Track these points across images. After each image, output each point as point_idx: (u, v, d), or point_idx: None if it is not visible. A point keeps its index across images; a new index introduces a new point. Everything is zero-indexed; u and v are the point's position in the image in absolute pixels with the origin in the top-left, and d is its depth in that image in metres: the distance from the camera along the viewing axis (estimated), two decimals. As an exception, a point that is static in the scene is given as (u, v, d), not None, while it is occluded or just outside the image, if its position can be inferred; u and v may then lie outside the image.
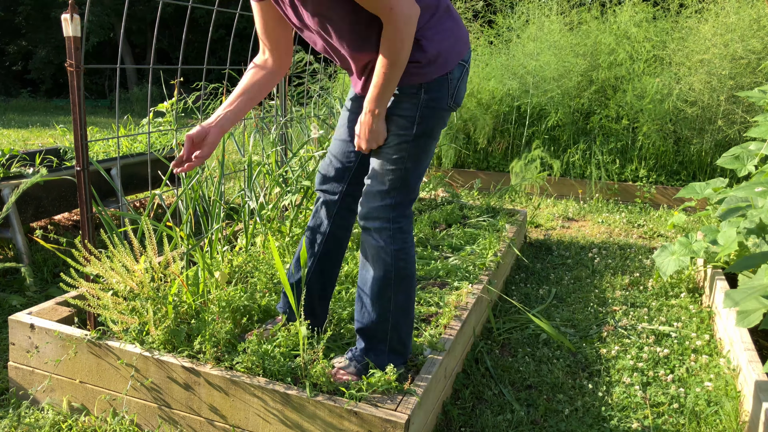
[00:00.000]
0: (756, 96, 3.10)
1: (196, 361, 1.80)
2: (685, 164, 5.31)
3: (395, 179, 1.68)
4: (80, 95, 1.81)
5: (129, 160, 3.87)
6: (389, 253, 1.71)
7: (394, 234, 1.71)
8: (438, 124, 1.69)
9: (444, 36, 1.62)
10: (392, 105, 1.65)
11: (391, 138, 1.66)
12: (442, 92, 1.65)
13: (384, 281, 1.74)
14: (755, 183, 2.29)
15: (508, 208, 3.88)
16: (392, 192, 1.69)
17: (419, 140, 1.67)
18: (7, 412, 1.94)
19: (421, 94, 1.62)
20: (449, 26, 1.64)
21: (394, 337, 1.79)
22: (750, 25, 4.88)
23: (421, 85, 1.62)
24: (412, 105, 1.63)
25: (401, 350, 1.82)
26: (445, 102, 1.67)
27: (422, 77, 1.62)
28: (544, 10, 5.93)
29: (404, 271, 1.74)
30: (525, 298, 3.06)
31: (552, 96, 5.45)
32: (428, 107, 1.64)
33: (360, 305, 1.80)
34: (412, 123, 1.64)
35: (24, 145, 7.54)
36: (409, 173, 1.68)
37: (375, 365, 1.78)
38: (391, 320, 1.76)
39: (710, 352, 2.48)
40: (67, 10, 1.75)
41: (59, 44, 16.54)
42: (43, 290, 2.96)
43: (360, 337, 1.82)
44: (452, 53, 1.64)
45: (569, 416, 2.04)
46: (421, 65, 1.60)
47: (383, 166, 1.68)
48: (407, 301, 1.78)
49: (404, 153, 1.66)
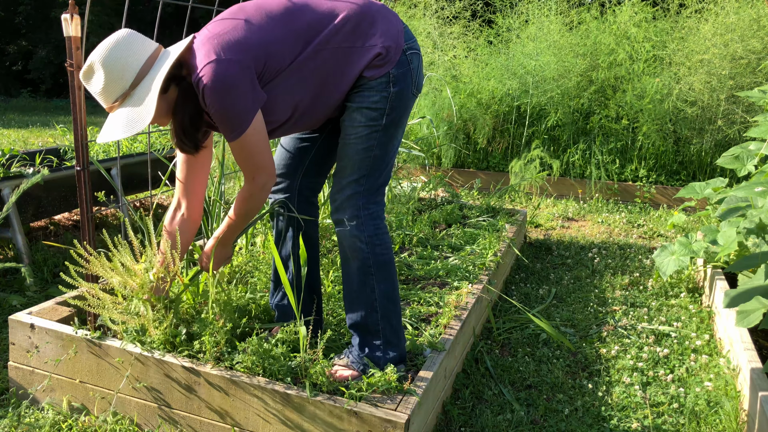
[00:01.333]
0: (756, 96, 3.10)
1: (196, 361, 1.80)
2: (685, 164, 5.31)
3: (364, 167, 1.76)
4: (80, 95, 1.81)
5: (129, 160, 3.87)
6: (363, 240, 1.77)
7: (366, 221, 1.78)
8: (405, 113, 1.80)
9: (382, 32, 1.72)
10: (363, 98, 1.73)
11: (360, 129, 1.74)
12: (407, 82, 1.75)
13: (364, 270, 1.80)
14: (755, 183, 2.29)
15: (508, 208, 3.88)
16: (361, 180, 1.77)
17: (388, 129, 1.76)
18: (7, 412, 1.94)
19: (390, 87, 1.72)
20: (383, 23, 1.74)
21: (387, 327, 1.83)
22: (750, 25, 4.88)
23: (389, 76, 1.71)
24: (382, 98, 1.72)
25: (395, 342, 1.85)
26: (410, 90, 1.77)
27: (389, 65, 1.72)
28: (543, 10, 5.93)
29: (382, 258, 1.81)
30: (525, 298, 3.06)
31: (552, 96, 5.45)
32: (397, 98, 1.74)
33: (348, 300, 1.86)
34: (382, 114, 1.74)
35: (24, 145, 7.54)
36: (377, 160, 1.77)
37: (372, 360, 1.82)
38: (380, 310, 1.81)
39: (710, 352, 2.48)
40: (67, 10, 1.75)
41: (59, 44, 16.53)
42: (43, 290, 2.96)
43: (354, 333, 1.87)
44: (398, 38, 1.74)
45: (569, 416, 2.04)
46: (380, 57, 1.70)
47: (353, 156, 1.76)
48: (392, 290, 1.84)
49: (373, 141, 1.75)
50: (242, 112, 1.57)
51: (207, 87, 1.54)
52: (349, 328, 1.88)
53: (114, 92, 1.57)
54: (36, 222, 3.80)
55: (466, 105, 5.70)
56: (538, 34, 5.68)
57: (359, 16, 1.70)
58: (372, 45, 1.69)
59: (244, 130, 1.59)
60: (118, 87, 1.56)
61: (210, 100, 1.55)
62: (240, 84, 1.55)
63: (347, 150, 1.77)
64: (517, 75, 5.58)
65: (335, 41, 1.67)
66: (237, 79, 1.55)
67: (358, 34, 1.69)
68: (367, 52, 1.69)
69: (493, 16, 6.33)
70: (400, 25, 1.76)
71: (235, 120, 1.58)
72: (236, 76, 1.55)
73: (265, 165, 1.68)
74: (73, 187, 3.44)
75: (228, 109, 1.56)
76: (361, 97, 1.73)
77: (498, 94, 5.70)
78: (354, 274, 1.82)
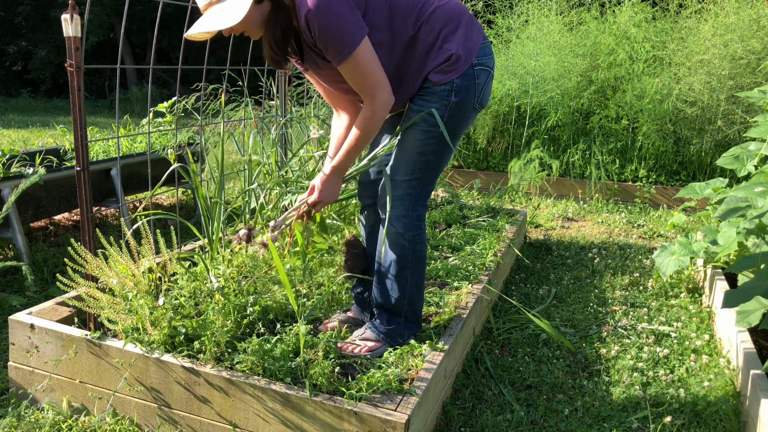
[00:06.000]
0: (756, 96, 3.10)
1: (196, 361, 1.80)
2: (685, 164, 5.31)
3: (417, 171, 1.85)
4: (80, 95, 1.81)
5: (129, 161, 3.87)
6: (407, 238, 1.89)
7: (412, 221, 1.89)
8: (462, 124, 1.87)
9: (460, 40, 1.80)
10: (424, 102, 1.81)
11: (418, 133, 1.82)
12: (469, 94, 1.81)
13: (401, 263, 1.92)
14: (755, 183, 2.29)
15: (508, 208, 3.88)
16: (414, 182, 1.86)
17: (444, 138, 1.82)
18: (6, 412, 1.94)
19: (451, 96, 1.79)
20: (464, 32, 1.82)
21: (410, 310, 1.99)
22: (750, 26, 4.88)
23: (452, 85, 1.78)
24: (442, 106, 1.80)
25: (414, 320, 2.02)
26: (472, 103, 1.84)
27: (454, 74, 1.78)
28: (543, 10, 5.93)
29: (419, 254, 1.94)
30: (525, 298, 3.06)
31: (552, 96, 5.45)
32: (456, 107, 1.81)
33: (380, 284, 1.98)
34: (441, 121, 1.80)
35: (24, 145, 7.54)
36: (430, 166, 1.86)
37: (394, 333, 1.97)
38: (408, 296, 1.96)
39: (710, 352, 2.48)
40: (67, 10, 1.75)
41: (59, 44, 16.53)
42: (43, 290, 2.96)
43: (378, 312, 2.01)
44: (472, 51, 1.81)
45: (569, 416, 2.04)
46: (449, 63, 1.77)
47: (408, 158, 1.84)
48: (421, 279, 1.99)
49: (430, 147, 1.83)
50: (348, 32, 1.62)
51: (311, 10, 1.59)
52: (375, 307, 2.01)
53: None
54: (36, 222, 3.80)
55: (466, 105, 5.69)
56: (537, 35, 5.68)
57: (448, 16, 1.78)
58: (447, 48, 1.77)
59: (353, 49, 1.64)
60: None
61: (315, 21, 1.61)
62: (347, 7, 1.62)
63: (404, 150, 1.85)
64: (517, 75, 5.58)
65: (423, 32, 1.76)
66: (344, 3, 1.62)
67: (443, 35, 1.77)
68: (442, 53, 1.77)
69: (493, 17, 6.33)
70: (479, 40, 1.82)
71: (343, 39, 1.63)
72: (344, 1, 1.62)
73: (384, 83, 1.71)
74: (73, 187, 3.44)
75: (333, 29, 1.61)
76: (422, 100, 1.81)
77: (498, 94, 5.70)
78: (391, 265, 1.93)
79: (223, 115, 2.86)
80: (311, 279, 2.36)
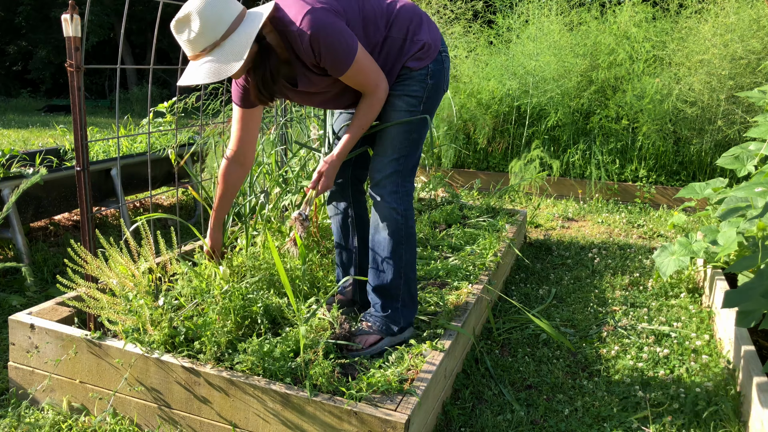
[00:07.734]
0: (756, 96, 3.10)
1: (196, 362, 1.80)
2: (685, 164, 5.31)
3: (404, 149, 1.99)
4: (80, 95, 1.81)
5: (129, 161, 3.87)
6: (400, 212, 2.00)
7: (403, 196, 2.00)
8: (436, 104, 2.07)
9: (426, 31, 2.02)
10: (404, 86, 1.97)
11: (402, 114, 1.98)
12: (441, 77, 2.03)
13: (396, 239, 2.01)
14: (755, 183, 2.29)
15: (508, 208, 3.88)
16: (401, 159, 1.99)
17: (423, 117, 2.01)
18: (7, 412, 1.94)
19: (428, 79, 1.99)
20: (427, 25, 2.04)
21: (406, 291, 2.06)
22: (750, 26, 4.88)
23: (428, 69, 1.98)
24: (420, 87, 1.98)
25: (410, 304, 2.08)
26: (442, 85, 2.05)
27: (428, 60, 1.98)
28: (543, 10, 5.93)
29: (411, 230, 2.04)
30: (525, 298, 3.06)
31: (552, 96, 5.45)
32: (433, 89, 2.01)
33: (375, 267, 2.05)
34: (420, 102, 1.99)
35: (24, 146, 7.54)
36: (414, 143, 2.01)
37: (392, 321, 2.02)
38: (403, 276, 2.03)
39: (710, 352, 2.47)
40: (67, 11, 1.75)
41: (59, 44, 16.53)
42: (43, 290, 2.96)
43: (375, 296, 2.06)
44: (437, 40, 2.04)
45: (569, 416, 2.04)
46: (423, 50, 1.97)
47: (394, 138, 1.98)
48: (414, 260, 2.08)
49: (413, 126, 1.99)
50: (347, 43, 1.76)
51: (311, 34, 1.70)
52: (372, 291, 2.07)
53: (205, 42, 1.65)
54: (36, 222, 3.80)
55: (466, 105, 5.70)
56: (538, 35, 5.68)
57: (411, 13, 1.97)
58: (419, 39, 1.95)
59: (354, 56, 1.78)
60: (210, 37, 1.65)
61: (318, 43, 1.72)
62: (338, 22, 1.76)
63: (389, 131, 1.99)
64: (517, 75, 5.58)
65: (393, 31, 1.93)
66: (335, 20, 1.75)
67: (411, 30, 1.96)
68: (415, 44, 1.95)
69: (494, 17, 6.33)
70: (438, 32, 2.05)
71: (346, 50, 1.76)
72: (334, 18, 1.75)
73: (381, 74, 1.90)
74: (73, 187, 3.44)
75: (335, 45, 1.74)
76: (402, 85, 1.97)
77: (498, 94, 5.70)
78: (385, 243, 2.01)
79: (223, 115, 2.86)
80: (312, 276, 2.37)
